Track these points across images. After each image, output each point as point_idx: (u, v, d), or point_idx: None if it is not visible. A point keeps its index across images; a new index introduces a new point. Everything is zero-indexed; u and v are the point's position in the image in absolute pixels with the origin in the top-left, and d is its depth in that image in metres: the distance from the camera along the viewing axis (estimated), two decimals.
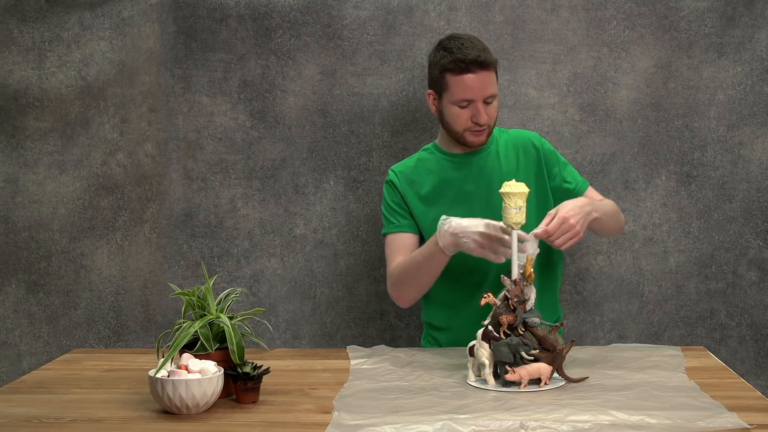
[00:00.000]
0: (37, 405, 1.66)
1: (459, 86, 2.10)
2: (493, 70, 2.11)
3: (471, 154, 2.21)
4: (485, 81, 2.10)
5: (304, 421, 1.54)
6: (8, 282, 2.42)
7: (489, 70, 2.10)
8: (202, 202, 2.52)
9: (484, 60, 2.09)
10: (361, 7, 2.48)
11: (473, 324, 2.10)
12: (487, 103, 2.12)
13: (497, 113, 2.16)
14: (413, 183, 2.21)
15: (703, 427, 1.46)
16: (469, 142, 2.15)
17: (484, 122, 2.11)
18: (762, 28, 2.46)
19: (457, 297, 2.19)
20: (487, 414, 1.53)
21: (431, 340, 2.29)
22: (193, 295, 1.72)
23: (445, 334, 2.24)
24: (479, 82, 2.09)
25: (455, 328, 2.21)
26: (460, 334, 2.17)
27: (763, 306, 2.51)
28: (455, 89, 2.11)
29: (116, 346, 2.46)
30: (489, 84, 2.10)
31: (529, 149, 2.21)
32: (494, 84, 2.12)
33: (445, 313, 2.22)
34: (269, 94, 2.50)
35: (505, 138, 2.24)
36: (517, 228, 1.81)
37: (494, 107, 2.14)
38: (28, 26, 2.37)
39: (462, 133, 2.14)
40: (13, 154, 2.40)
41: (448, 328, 2.23)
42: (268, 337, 2.50)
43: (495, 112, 2.15)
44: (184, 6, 2.48)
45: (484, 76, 2.09)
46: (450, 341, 2.22)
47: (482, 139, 2.16)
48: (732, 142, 2.49)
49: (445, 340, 2.25)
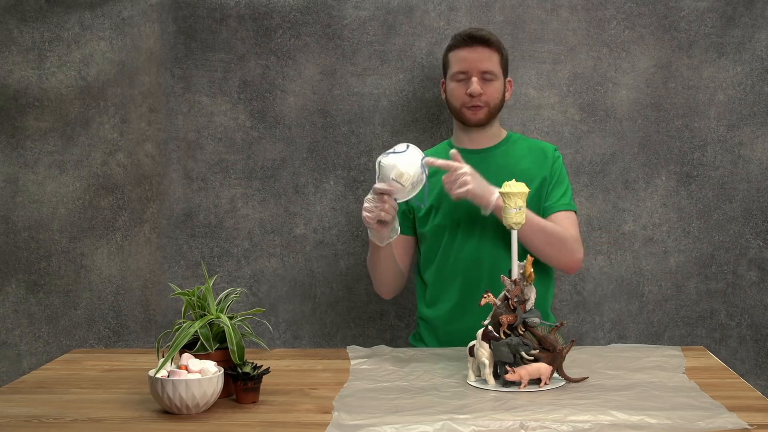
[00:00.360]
0: (37, 405, 1.66)
1: (456, 59, 2.19)
2: (496, 50, 2.18)
3: (482, 150, 2.21)
4: (482, 55, 2.16)
5: (304, 421, 1.54)
6: (8, 282, 2.42)
7: (489, 47, 2.17)
8: (202, 202, 2.52)
9: (482, 36, 2.17)
10: (361, 7, 2.48)
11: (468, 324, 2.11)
12: (486, 80, 2.15)
13: (499, 96, 2.19)
14: None
15: (703, 427, 1.46)
16: (466, 118, 2.19)
17: (476, 93, 2.14)
18: (762, 28, 2.46)
19: (452, 296, 2.20)
20: (487, 414, 1.53)
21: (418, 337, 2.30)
22: (193, 295, 1.72)
23: (438, 333, 2.24)
24: (475, 54, 2.16)
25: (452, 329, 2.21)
26: (455, 335, 2.17)
27: (763, 306, 2.51)
28: (453, 63, 2.20)
29: (116, 346, 2.46)
30: (486, 59, 2.16)
31: (543, 157, 2.22)
32: (494, 63, 2.17)
33: (440, 312, 2.23)
34: (269, 94, 2.50)
35: (523, 143, 2.25)
36: (517, 228, 1.81)
37: (495, 88, 2.17)
38: (28, 26, 2.37)
39: (460, 109, 2.19)
40: (13, 154, 2.40)
41: (443, 326, 2.23)
42: (268, 337, 2.50)
43: (496, 93, 2.18)
44: (184, 6, 2.48)
45: (481, 51, 2.16)
46: (443, 341, 2.22)
47: (479, 117, 2.18)
48: (732, 142, 2.49)
49: (435, 339, 2.24)
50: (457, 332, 2.17)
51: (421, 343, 2.29)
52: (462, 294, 2.18)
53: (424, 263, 2.26)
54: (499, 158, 2.21)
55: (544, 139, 2.47)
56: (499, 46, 2.19)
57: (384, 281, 2.23)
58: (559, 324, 1.77)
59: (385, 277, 2.21)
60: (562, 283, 2.51)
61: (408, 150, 1.93)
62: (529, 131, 2.48)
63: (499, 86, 2.18)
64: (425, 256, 2.25)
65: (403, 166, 1.90)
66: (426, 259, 2.25)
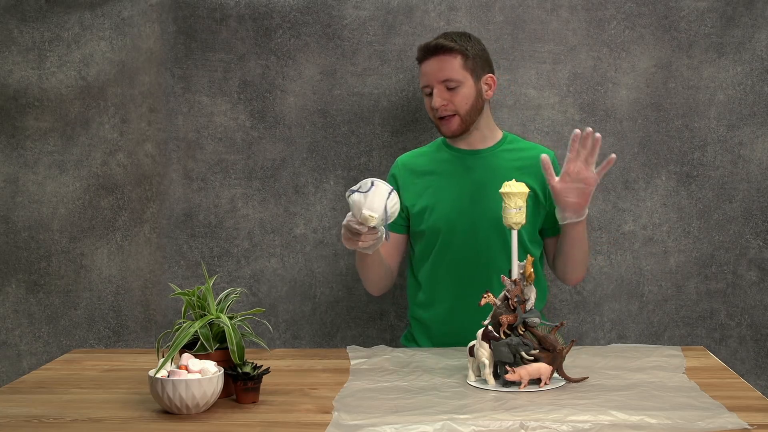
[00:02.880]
0: (37, 405, 1.66)
1: (421, 73, 2.18)
2: (457, 54, 2.12)
3: (477, 151, 2.21)
4: (441, 65, 2.13)
5: (304, 421, 1.54)
6: (8, 282, 2.42)
7: (447, 54, 2.12)
8: (202, 202, 2.52)
9: (441, 44, 2.13)
10: (361, 7, 2.48)
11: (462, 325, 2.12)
12: (450, 89, 2.12)
13: (469, 101, 2.15)
14: (414, 173, 2.22)
15: (703, 427, 1.46)
16: (442, 132, 2.18)
17: (436, 105, 2.13)
18: (762, 28, 2.46)
19: (447, 297, 2.20)
20: (487, 414, 1.53)
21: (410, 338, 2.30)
22: (193, 295, 1.72)
23: (432, 333, 2.24)
24: (434, 66, 2.13)
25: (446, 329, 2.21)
26: (449, 336, 2.17)
27: (763, 306, 2.51)
28: (420, 78, 2.19)
29: (116, 346, 2.46)
30: (445, 68, 2.12)
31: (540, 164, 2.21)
32: (454, 69, 2.12)
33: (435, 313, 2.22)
34: (269, 94, 2.50)
35: (518, 145, 2.24)
36: (517, 228, 1.81)
37: (462, 95, 2.13)
38: (28, 26, 2.37)
39: (435, 122, 2.18)
40: (13, 154, 2.40)
41: (437, 327, 2.23)
42: (268, 337, 2.50)
43: (463, 100, 2.13)
44: (184, 6, 2.48)
45: (441, 60, 2.13)
46: (437, 341, 2.22)
47: (452, 128, 2.16)
48: (732, 142, 2.49)
49: (428, 340, 2.24)
50: (451, 333, 2.17)
51: (413, 344, 2.28)
52: (457, 295, 2.18)
53: (417, 263, 2.25)
54: (496, 159, 2.21)
55: (544, 139, 2.48)
56: (461, 49, 2.12)
57: (372, 280, 2.20)
58: (559, 324, 1.77)
59: (374, 276, 2.19)
60: (562, 283, 2.51)
61: (372, 188, 1.81)
62: (529, 131, 2.48)
63: (466, 91, 2.13)
64: (419, 255, 2.24)
65: (367, 208, 1.80)
66: (420, 258, 2.24)
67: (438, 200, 2.18)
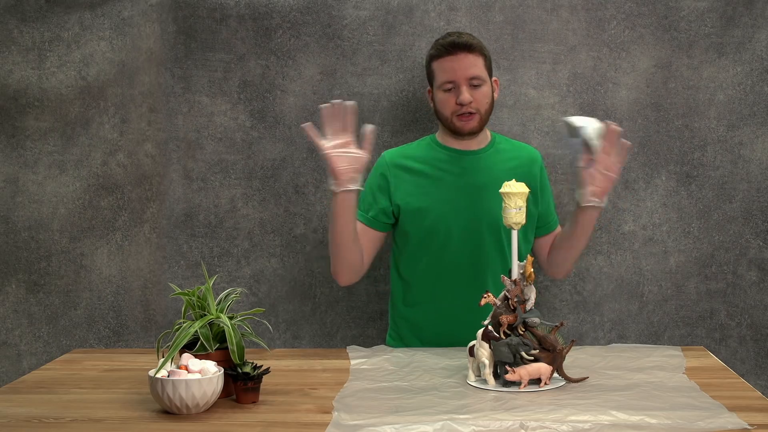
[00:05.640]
0: (37, 405, 1.66)
1: (442, 69, 2.16)
2: (479, 54, 2.15)
3: (471, 152, 2.21)
4: (467, 62, 2.13)
5: (304, 421, 1.54)
6: (8, 282, 2.42)
7: (472, 52, 2.14)
8: (202, 202, 2.52)
9: (465, 42, 2.14)
10: (361, 7, 2.48)
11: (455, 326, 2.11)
12: (474, 86, 2.13)
13: (489, 101, 2.17)
14: (405, 169, 2.21)
15: (703, 427, 1.46)
16: (458, 128, 2.17)
17: (466, 101, 2.12)
18: (762, 28, 2.46)
19: (442, 297, 2.19)
20: (487, 414, 1.54)
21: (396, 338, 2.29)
22: (193, 295, 1.72)
23: (422, 333, 2.23)
24: (460, 62, 2.13)
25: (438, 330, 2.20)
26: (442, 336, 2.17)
27: (763, 306, 2.51)
28: (439, 74, 2.16)
29: (116, 346, 2.46)
30: (472, 65, 2.13)
31: (531, 162, 2.23)
32: (480, 68, 2.14)
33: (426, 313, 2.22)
34: (269, 94, 2.50)
35: (508, 145, 2.25)
36: (517, 228, 1.81)
37: (483, 93, 2.15)
38: (28, 26, 2.37)
39: (451, 118, 2.17)
40: (13, 154, 2.40)
41: (429, 327, 2.22)
42: (268, 337, 2.50)
43: (485, 99, 2.16)
44: (184, 6, 2.48)
45: (466, 58, 2.13)
46: (426, 341, 2.21)
47: (472, 125, 2.16)
48: (732, 142, 2.49)
49: (418, 339, 2.24)
50: (444, 333, 2.17)
51: (400, 344, 2.27)
52: (452, 294, 2.17)
53: (406, 261, 2.23)
54: (489, 159, 2.21)
55: (544, 139, 2.48)
56: (481, 49, 2.16)
57: (345, 259, 2.09)
58: (559, 324, 1.77)
59: (348, 256, 2.08)
60: (562, 283, 2.51)
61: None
62: (529, 131, 2.48)
63: (487, 90, 2.16)
64: (410, 254, 2.21)
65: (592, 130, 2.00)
66: (411, 258, 2.21)
67: (435, 201, 2.17)
